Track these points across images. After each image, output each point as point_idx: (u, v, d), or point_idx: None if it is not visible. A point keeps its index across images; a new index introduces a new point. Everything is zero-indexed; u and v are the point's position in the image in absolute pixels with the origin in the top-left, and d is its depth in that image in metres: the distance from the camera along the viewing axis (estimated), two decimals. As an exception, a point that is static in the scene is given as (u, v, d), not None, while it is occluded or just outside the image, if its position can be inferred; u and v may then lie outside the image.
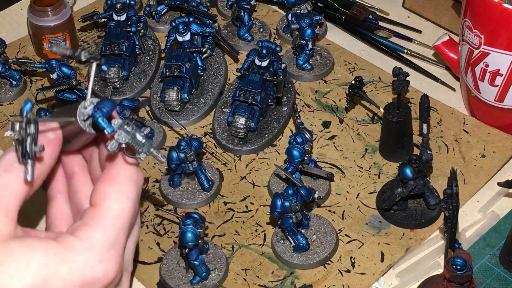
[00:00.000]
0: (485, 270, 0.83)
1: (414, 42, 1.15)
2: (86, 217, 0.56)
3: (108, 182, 0.58)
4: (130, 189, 0.58)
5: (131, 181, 0.59)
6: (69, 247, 0.53)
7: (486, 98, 0.97)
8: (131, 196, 0.58)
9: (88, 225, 0.55)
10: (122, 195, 0.57)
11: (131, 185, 0.58)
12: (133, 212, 0.58)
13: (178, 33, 1.04)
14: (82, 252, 0.54)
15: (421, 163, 0.84)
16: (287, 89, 1.05)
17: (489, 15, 0.89)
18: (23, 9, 1.27)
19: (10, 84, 1.09)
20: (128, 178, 0.59)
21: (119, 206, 0.57)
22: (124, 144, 0.56)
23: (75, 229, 0.55)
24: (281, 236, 0.86)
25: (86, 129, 0.57)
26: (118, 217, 0.56)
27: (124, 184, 0.58)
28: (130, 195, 0.58)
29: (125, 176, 0.58)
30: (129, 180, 0.58)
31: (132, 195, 0.58)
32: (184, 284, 0.82)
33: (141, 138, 0.56)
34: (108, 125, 0.55)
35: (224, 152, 0.99)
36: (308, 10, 1.10)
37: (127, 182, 0.58)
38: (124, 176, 0.58)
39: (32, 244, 0.52)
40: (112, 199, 0.57)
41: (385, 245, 0.86)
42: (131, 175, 0.59)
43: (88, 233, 0.55)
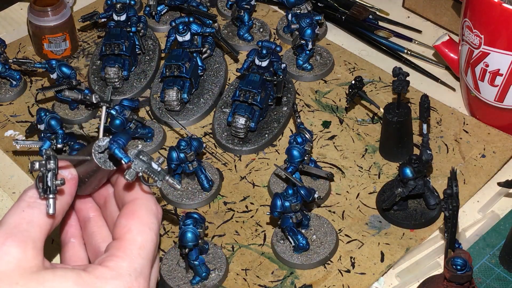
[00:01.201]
0: (485, 270, 0.83)
1: (414, 42, 1.15)
2: (112, 249, 0.58)
3: (130, 216, 0.60)
4: (151, 221, 0.61)
5: (151, 213, 0.61)
6: (99, 276, 0.55)
7: (486, 98, 0.97)
8: (153, 227, 0.61)
9: (115, 255, 0.57)
10: (145, 227, 0.60)
11: (152, 217, 0.61)
12: (156, 242, 0.61)
13: (178, 33, 1.04)
14: (112, 280, 0.55)
15: (421, 163, 0.84)
16: (287, 89, 1.05)
17: (489, 15, 0.89)
18: (23, 9, 1.27)
19: (10, 84, 1.09)
20: (149, 211, 0.61)
21: (142, 238, 0.59)
22: (141, 172, 0.59)
23: (103, 260, 0.57)
24: (281, 236, 0.86)
25: (101, 166, 0.60)
26: (142, 248, 0.59)
27: (145, 217, 0.61)
28: (152, 226, 0.61)
29: (145, 210, 0.61)
30: (149, 213, 0.61)
31: (153, 227, 0.61)
32: (184, 284, 0.82)
33: (157, 166, 0.59)
34: (125, 155, 0.58)
35: (224, 152, 0.99)
36: (308, 10, 1.10)
37: (147, 214, 0.61)
38: (144, 210, 0.61)
39: (64, 274, 0.54)
40: (135, 232, 0.59)
41: (385, 245, 0.86)
42: (150, 208, 0.62)
43: (116, 263, 0.57)
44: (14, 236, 0.54)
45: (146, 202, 0.62)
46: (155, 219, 0.61)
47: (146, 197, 0.62)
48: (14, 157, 0.99)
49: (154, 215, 0.62)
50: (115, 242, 0.59)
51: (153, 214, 0.62)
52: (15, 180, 0.97)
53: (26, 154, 1.00)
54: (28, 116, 1.06)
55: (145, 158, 0.59)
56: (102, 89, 1.07)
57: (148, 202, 0.62)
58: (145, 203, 0.62)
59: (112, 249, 0.58)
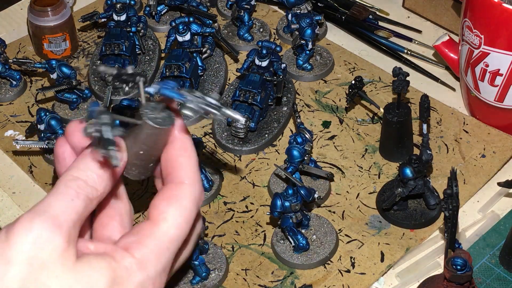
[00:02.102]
0: (485, 270, 0.83)
1: (414, 42, 1.15)
2: (141, 235, 0.55)
3: (171, 202, 0.56)
4: (192, 214, 0.56)
5: (195, 204, 0.57)
6: (127, 267, 0.53)
7: (486, 98, 0.97)
8: (190, 220, 0.56)
9: (144, 244, 0.54)
10: (183, 221, 0.55)
11: (194, 209, 0.56)
12: (187, 233, 0.56)
13: (178, 33, 1.04)
14: (139, 272, 0.53)
15: (421, 163, 0.84)
16: (287, 89, 1.05)
17: (489, 15, 0.89)
18: (23, 9, 1.27)
19: (10, 84, 1.09)
20: (193, 201, 0.56)
21: (177, 232, 0.55)
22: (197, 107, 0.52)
23: (130, 246, 0.54)
24: (281, 236, 0.86)
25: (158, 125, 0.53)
26: (173, 242, 0.55)
27: (187, 208, 0.56)
28: (190, 219, 0.56)
29: (190, 200, 0.56)
30: (192, 204, 0.56)
31: (191, 219, 0.56)
32: (184, 284, 0.82)
33: (212, 100, 0.52)
34: (179, 93, 0.53)
35: (224, 152, 0.99)
36: (308, 10, 1.10)
37: (190, 205, 0.56)
38: (188, 200, 0.56)
39: (99, 265, 0.51)
40: (171, 222, 0.55)
41: (385, 245, 0.86)
42: (195, 197, 0.57)
43: (144, 253, 0.54)
44: (60, 227, 0.50)
45: (193, 190, 0.56)
46: (196, 209, 0.57)
47: (194, 183, 0.57)
48: (14, 157, 0.99)
49: (197, 206, 0.57)
50: (147, 226, 0.55)
51: (196, 205, 0.56)
52: (15, 180, 0.97)
53: (26, 154, 1.00)
54: (28, 116, 1.06)
55: (197, 94, 0.52)
56: (102, 89, 1.07)
57: (195, 190, 0.57)
58: (192, 191, 0.56)
59: (141, 234, 0.55)
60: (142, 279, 0.53)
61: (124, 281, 0.52)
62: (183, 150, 0.57)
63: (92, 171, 0.54)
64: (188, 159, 0.57)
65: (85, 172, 0.53)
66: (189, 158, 0.57)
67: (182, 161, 0.57)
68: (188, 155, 0.57)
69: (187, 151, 0.57)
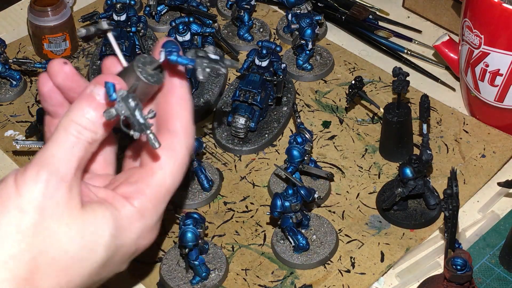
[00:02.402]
0: (485, 270, 0.83)
1: (414, 42, 1.15)
2: (140, 183, 0.57)
3: (167, 151, 0.57)
4: (185, 162, 0.58)
5: (188, 153, 0.59)
6: (128, 216, 0.55)
7: (486, 98, 0.97)
8: (184, 169, 0.58)
9: (142, 193, 0.56)
10: (178, 168, 0.58)
11: (187, 158, 0.58)
12: (180, 182, 0.59)
13: (178, 33, 1.04)
14: (139, 221, 0.56)
15: (421, 163, 0.84)
16: (287, 89, 1.05)
17: (489, 15, 0.89)
18: (23, 9, 1.27)
19: (10, 84, 1.09)
20: (186, 150, 0.58)
21: (172, 181, 0.57)
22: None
23: (130, 195, 0.56)
24: (281, 236, 0.86)
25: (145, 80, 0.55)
26: (169, 191, 0.58)
27: (181, 157, 0.58)
28: (183, 168, 0.58)
29: (183, 149, 0.58)
30: (186, 153, 0.58)
31: (184, 168, 0.58)
32: (184, 284, 0.82)
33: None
34: (188, 59, 0.54)
35: (224, 152, 0.99)
36: (308, 10, 1.10)
37: (184, 155, 0.58)
38: (183, 148, 0.58)
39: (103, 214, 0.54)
40: (167, 171, 0.57)
41: (385, 245, 0.86)
42: (188, 146, 0.59)
43: (143, 203, 0.56)
44: (63, 178, 0.53)
45: (186, 140, 0.58)
46: (188, 158, 0.59)
47: (188, 133, 0.59)
48: (14, 157, 0.99)
49: (188, 155, 0.59)
50: (143, 175, 0.57)
51: (188, 154, 0.58)
52: (15, 180, 0.97)
53: (26, 154, 1.00)
54: (28, 116, 1.06)
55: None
56: (102, 89, 1.07)
57: (188, 140, 0.59)
58: (185, 141, 0.58)
59: (140, 183, 0.57)
60: (141, 227, 0.56)
61: (126, 229, 0.55)
62: (181, 99, 0.58)
63: (91, 115, 0.54)
64: (184, 109, 0.59)
65: (83, 116, 0.54)
66: (185, 109, 0.59)
67: (179, 111, 0.58)
68: (185, 105, 0.59)
69: (184, 100, 0.59)
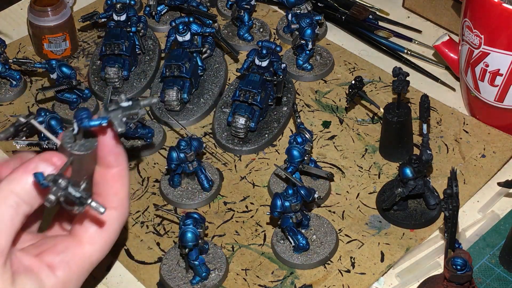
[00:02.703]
0: (485, 270, 0.83)
1: (414, 42, 1.15)
2: (66, 254, 0.57)
3: (100, 225, 0.58)
4: (115, 238, 0.59)
5: (120, 230, 0.59)
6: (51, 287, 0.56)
7: (486, 98, 0.97)
8: (112, 244, 0.59)
9: (68, 265, 0.57)
10: (107, 245, 0.59)
11: (118, 234, 0.59)
12: None
13: (178, 33, 1.04)
14: None
15: (421, 163, 0.84)
16: (287, 89, 1.05)
17: (489, 15, 0.89)
18: (23, 9, 1.27)
19: (10, 84, 1.09)
20: (119, 227, 0.59)
21: (99, 257, 0.58)
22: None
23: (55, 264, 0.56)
24: (281, 236, 0.86)
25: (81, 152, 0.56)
26: (93, 264, 0.58)
27: (113, 233, 0.59)
28: (112, 243, 0.59)
29: (117, 226, 0.59)
30: (119, 230, 0.59)
31: (113, 243, 0.59)
32: (184, 284, 0.82)
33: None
34: (100, 118, 0.54)
35: (224, 152, 0.99)
36: (308, 10, 1.10)
37: (117, 232, 0.59)
38: (116, 226, 0.59)
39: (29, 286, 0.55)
40: (97, 247, 0.58)
41: (385, 245, 0.86)
42: (122, 223, 0.59)
43: (67, 274, 0.56)
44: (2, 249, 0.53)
45: (122, 217, 0.59)
46: (119, 233, 0.59)
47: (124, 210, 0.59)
48: (14, 157, 0.99)
49: (120, 230, 0.59)
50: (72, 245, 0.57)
51: (120, 230, 0.59)
52: (15, 180, 0.97)
53: (26, 154, 1.00)
54: (28, 116, 1.06)
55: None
56: (102, 89, 1.07)
57: (124, 217, 0.59)
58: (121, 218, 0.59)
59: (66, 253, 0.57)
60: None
61: None
62: (119, 177, 0.58)
63: (27, 189, 0.55)
64: (123, 186, 0.59)
65: (23, 189, 0.55)
66: (123, 186, 0.59)
67: (117, 187, 0.58)
68: (122, 182, 0.59)
69: (122, 178, 0.59)
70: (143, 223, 0.90)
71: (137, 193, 0.94)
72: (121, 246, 0.88)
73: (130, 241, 0.88)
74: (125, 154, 0.58)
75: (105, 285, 0.84)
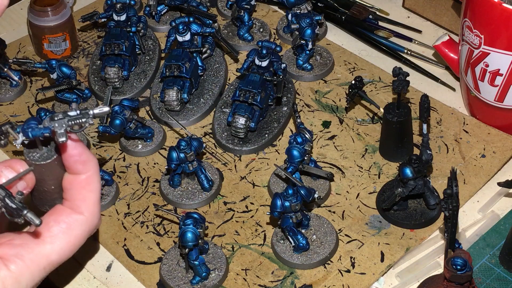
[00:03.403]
0: (485, 270, 0.83)
1: (414, 42, 1.15)
2: (22, 248, 0.56)
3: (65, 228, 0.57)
4: (80, 244, 0.58)
5: (86, 236, 0.59)
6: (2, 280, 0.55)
7: (486, 98, 0.97)
8: (76, 249, 0.58)
9: (22, 259, 0.56)
10: (68, 249, 0.57)
11: (83, 240, 0.58)
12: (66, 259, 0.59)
13: (178, 33, 1.04)
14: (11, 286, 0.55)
15: (421, 163, 0.84)
16: (287, 89, 1.05)
17: (489, 15, 0.89)
18: (23, 9, 1.27)
19: (10, 84, 1.09)
20: (85, 233, 0.58)
21: (58, 258, 0.57)
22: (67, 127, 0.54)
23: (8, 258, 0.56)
24: (281, 236, 0.86)
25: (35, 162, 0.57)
26: (51, 265, 0.57)
27: (77, 239, 0.58)
28: (76, 249, 0.58)
29: (83, 231, 0.58)
30: (84, 236, 0.58)
31: (77, 248, 0.58)
32: (184, 284, 0.82)
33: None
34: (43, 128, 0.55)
35: (224, 152, 0.99)
36: (308, 10, 1.10)
37: (81, 237, 0.58)
38: (82, 231, 0.58)
39: None
40: (56, 247, 0.57)
41: (385, 245, 0.86)
42: (89, 230, 0.59)
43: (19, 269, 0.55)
44: None
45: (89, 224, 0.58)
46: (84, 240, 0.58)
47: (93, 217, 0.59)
48: (14, 157, 0.99)
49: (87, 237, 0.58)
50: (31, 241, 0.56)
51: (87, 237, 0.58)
52: (15, 180, 0.97)
53: (26, 154, 1.00)
54: (28, 116, 1.06)
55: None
56: (102, 89, 1.07)
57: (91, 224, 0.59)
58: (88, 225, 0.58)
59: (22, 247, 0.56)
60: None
61: None
62: (86, 183, 0.58)
63: None
64: (91, 193, 0.59)
65: None
66: (92, 192, 0.59)
67: (84, 194, 0.58)
68: (91, 188, 0.59)
69: (90, 184, 0.59)
70: (143, 223, 0.90)
71: (137, 193, 0.94)
72: (121, 246, 0.88)
73: (130, 241, 0.88)
74: (95, 160, 0.59)
75: (105, 285, 0.84)
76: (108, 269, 0.86)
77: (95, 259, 0.87)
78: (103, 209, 0.92)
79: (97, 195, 0.59)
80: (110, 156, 0.99)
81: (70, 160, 0.57)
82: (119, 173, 0.97)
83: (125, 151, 0.99)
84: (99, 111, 0.55)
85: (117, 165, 0.98)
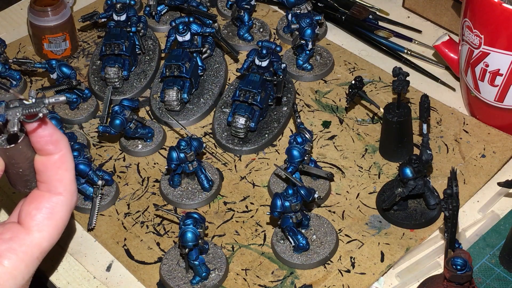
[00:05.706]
0: (485, 270, 0.83)
1: (414, 42, 1.15)
2: (13, 242, 0.56)
3: (48, 213, 0.58)
4: (65, 224, 0.59)
5: (69, 215, 0.59)
6: None
7: (486, 98, 0.97)
8: (62, 230, 0.59)
9: (15, 253, 0.56)
10: (56, 231, 0.58)
11: (67, 219, 0.59)
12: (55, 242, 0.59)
13: (178, 33, 1.04)
14: (8, 282, 0.55)
15: (421, 163, 0.84)
16: (287, 89, 1.05)
17: (489, 15, 0.89)
18: (23, 9, 1.27)
19: (10, 84, 1.09)
20: (68, 212, 0.59)
21: (49, 243, 0.58)
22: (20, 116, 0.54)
23: (1, 253, 0.56)
24: (281, 236, 0.86)
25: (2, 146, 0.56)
26: (43, 252, 0.58)
27: (62, 219, 0.58)
28: (62, 230, 0.58)
29: (65, 211, 0.59)
30: (67, 215, 0.59)
31: (63, 229, 0.59)
32: (184, 284, 0.82)
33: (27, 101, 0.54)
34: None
35: (224, 152, 0.99)
36: (308, 10, 1.10)
37: (65, 217, 0.59)
38: (65, 211, 0.58)
39: None
40: (45, 234, 0.57)
41: (385, 245, 0.86)
42: (70, 208, 0.59)
43: (15, 263, 0.56)
44: None
45: (69, 202, 0.59)
46: (68, 218, 0.59)
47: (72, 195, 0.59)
48: None
49: (69, 215, 0.59)
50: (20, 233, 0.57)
51: (69, 215, 0.59)
52: (15, 180, 0.97)
53: (26, 154, 1.00)
54: (28, 116, 1.06)
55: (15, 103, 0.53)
56: (102, 89, 1.07)
57: (71, 202, 0.59)
58: (68, 203, 0.59)
59: (13, 241, 0.56)
60: (12, 287, 0.56)
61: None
62: (60, 163, 0.58)
63: None
64: (67, 172, 0.59)
65: None
66: (67, 171, 0.59)
67: (61, 174, 0.58)
68: (66, 167, 0.59)
69: (65, 163, 0.59)
70: (143, 223, 0.90)
71: (137, 193, 0.94)
72: (121, 246, 0.88)
73: (130, 241, 0.88)
74: (65, 138, 0.59)
75: (105, 285, 0.84)
76: (108, 269, 0.86)
77: (95, 259, 0.87)
78: (103, 209, 0.92)
79: (73, 172, 0.59)
80: (110, 156, 0.99)
81: (41, 141, 0.57)
82: (119, 173, 0.97)
83: (125, 151, 0.99)
84: (55, 100, 0.55)
85: (117, 165, 0.98)
